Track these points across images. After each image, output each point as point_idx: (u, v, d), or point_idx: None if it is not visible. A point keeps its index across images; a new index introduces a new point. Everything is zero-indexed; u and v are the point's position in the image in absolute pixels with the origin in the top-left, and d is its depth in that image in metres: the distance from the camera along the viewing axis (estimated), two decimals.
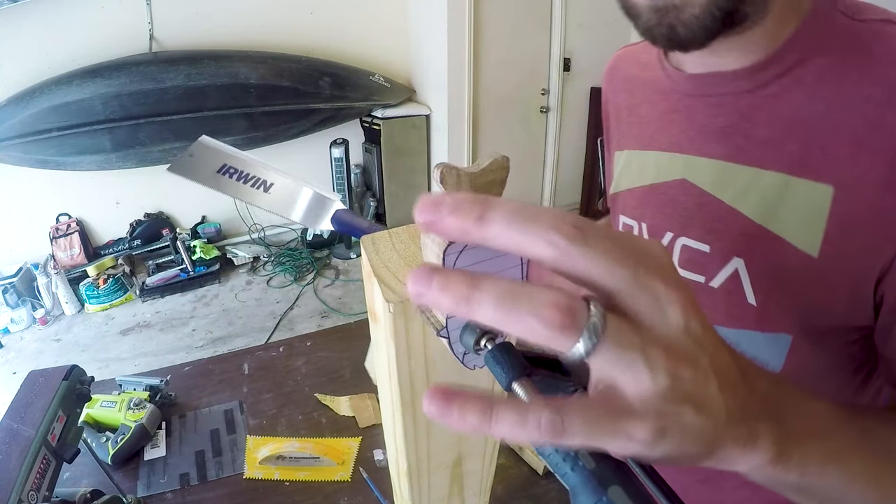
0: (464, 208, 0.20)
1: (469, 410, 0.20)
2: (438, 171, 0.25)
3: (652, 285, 0.21)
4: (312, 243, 3.79)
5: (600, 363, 0.20)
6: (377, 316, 0.32)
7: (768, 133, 0.48)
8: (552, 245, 0.20)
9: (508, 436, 0.20)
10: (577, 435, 0.20)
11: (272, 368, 1.22)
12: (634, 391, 0.21)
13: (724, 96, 0.51)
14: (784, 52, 0.47)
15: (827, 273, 0.45)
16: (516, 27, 3.65)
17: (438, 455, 0.40)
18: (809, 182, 0.45)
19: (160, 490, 0.92)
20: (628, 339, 0.20)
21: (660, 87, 0.58)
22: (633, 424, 0.21)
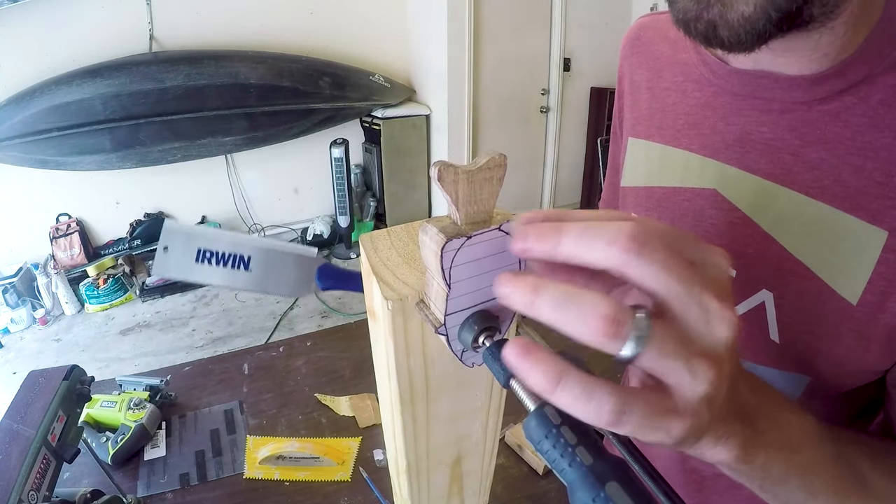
0: (545, 237, 0.24)
1: (541, 369, 0.22)
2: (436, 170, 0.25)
3: (705, 301, 0.23)
4: (312, 243, 3.80)
5: (648, 367, 0.23)
6: (376, 314, 0.32)
7: (821, 156, 0.41)
8: (611, 260, 0.22)
9: (567, 406, 0.22)
10: (630, 425, 0.22)
11: (272, 368, 1.22)
12: (679, 393, 0.23)
13: (773, 102, 0.44)
14: (850, 64, 0.40)
15: (863, 322, 0.41)
16: (516, 27, 3.65)
17: (438, 454, 0.40)
18: (862, 222, 0.40)
19: (160, 490, 0.92)
20: (673, 348, 0.22)
21: (693, 75, 0.51)
22: (675, 422, 0.23)
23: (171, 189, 3.53)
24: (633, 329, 0.21)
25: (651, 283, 0.22)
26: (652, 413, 0.23)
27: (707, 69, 0.49)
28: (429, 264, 0.27)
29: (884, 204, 0.39)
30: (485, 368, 0.29)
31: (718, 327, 0.23)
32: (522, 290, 0.23)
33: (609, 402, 0.22)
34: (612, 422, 0.22)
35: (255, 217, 3.85)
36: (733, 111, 0.47)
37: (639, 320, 0.22)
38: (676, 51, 0.53)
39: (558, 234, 0.23)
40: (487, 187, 0.26)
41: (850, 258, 0.40)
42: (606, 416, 0.22)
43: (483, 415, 0.40)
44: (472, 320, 0.28)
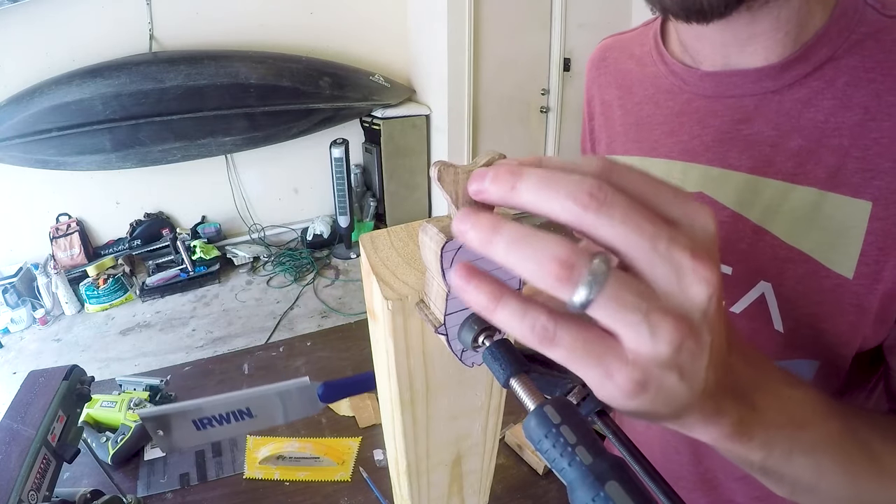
0: (501, 179, 0.22)
1: (482, 289, 0.22)
2: (435, 169, 0.25)
3: (675, 257, 0.21)
4: (312, 243, 3.80)
5: (602, 316, 0.21)
6: (376, 314, 0.32)
7: (800, 143, 0.43)
8: (568, 211, 0.21)
9: (505, 323, 0.22)
10: (562, 349, 0.22)
11: (272, 368, 1.22)
12: (631, 345, 0.22)
13: (746, 98, 0.45)
14: (813, 47, 0.42)
15: (861, 295, 0.42)
16: (516, 27, 3.65)
17: (438, 454, 0.40)
18: (846, 198, 0.41)
19: (160, 490, 0.92)
20: (632, 300, 0.21)
21: (664, 86, 0.52)
22: (618, 367, 0.22)
23: (171, 189, 3.53)
24: (587, 273, 0.20)
25: (612, 239, 0.21)
26: (590, 344, 0.22)
27: (677, 78, 0.50)
28: (429, 264, 0.27)
29: (863, 177, 0.40)
30: (484, 368, 0.29)
31: (692, 287, 0.21)
32: (480, 228, 0.22)
33: (542, 318, 0.22)
34: (542, 338, 0.22)
35: (255, 217, 3.85)
36: (708, 114, 0.48)
37: (595, 265, 0.20)
38: (643, 66, 0.55)
39: (516, 179, 0.22)
40: None
41: (841, 234, 0.42)
42: (539, 331, 0.21)
43: (483, 414, 0.40)
44: (472, 320, 0.28)
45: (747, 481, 0.61)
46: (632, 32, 0.59)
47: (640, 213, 0.21)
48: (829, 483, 0.33)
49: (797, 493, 0.34)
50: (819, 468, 0.33)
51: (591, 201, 0.21)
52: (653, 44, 0.54)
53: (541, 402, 0.24)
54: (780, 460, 0.30)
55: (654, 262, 0.21)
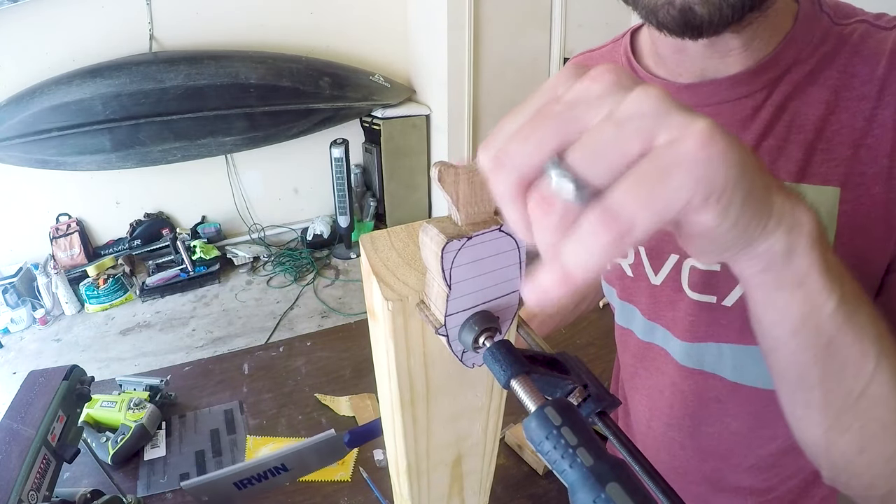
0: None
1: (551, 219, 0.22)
2: (436, 170, 0.25)
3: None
4: (312, 243, 3.80)
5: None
6: (376, 314, 0.32)
7: (771, 142, 0.47)
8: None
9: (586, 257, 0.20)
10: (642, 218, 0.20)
11: (272, 368, 1.22)
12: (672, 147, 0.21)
13: (722, 105, 0.49)
14: (780, 54, 0.46)
15: None
16: (516, 27, 3.65)
17: (438, 454, 0.40)
18: (816, 186, 0.45)
19: (160, 490, 0.92)
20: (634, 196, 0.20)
21: None
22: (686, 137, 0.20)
23: (171, 189, 3.53)
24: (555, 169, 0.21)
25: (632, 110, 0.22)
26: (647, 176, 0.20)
27: None
28: (429, 265, 0.27)
29: (829, 166, 0.45)
30: (485, 369, 0.29)
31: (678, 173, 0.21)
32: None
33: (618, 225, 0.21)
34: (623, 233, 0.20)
35: (255, 217, 3.85)
36: None
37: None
38: None
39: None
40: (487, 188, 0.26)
41: None
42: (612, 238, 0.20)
43: (483, 415, 0.40)
44: (473, 321, 0.28)
45: (754, 471, 0.62)
46: (601, 49, 0.62)
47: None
48: (885, 376, 0.31)
49: (845, 410, 0.32)
50: (880, 345, 0.31)
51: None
52: (625, 60, 0.56)
53: (542, 404, 0.24)
54: (848, 316, 0.29)
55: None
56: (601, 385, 0.30)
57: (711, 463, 0.64)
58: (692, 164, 0.20)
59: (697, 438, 0.64)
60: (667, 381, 0.63)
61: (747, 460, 0.62)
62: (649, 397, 0.68)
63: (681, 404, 0.62)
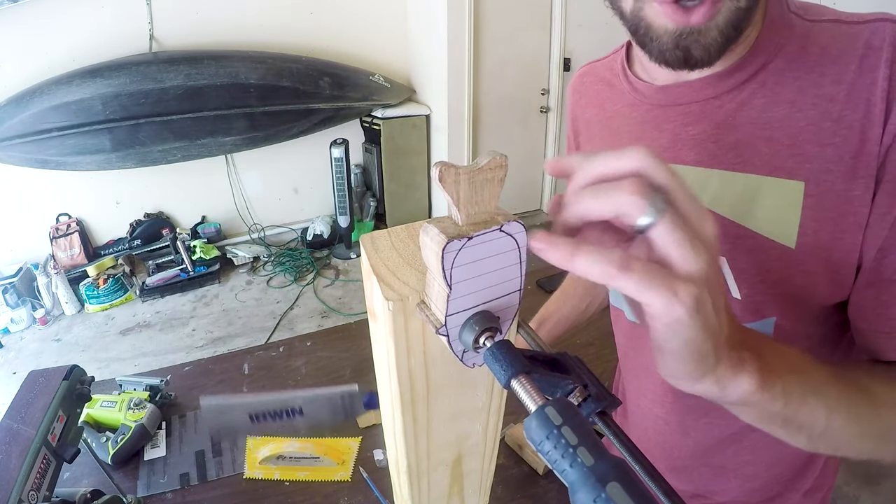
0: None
1: (559, 247, 0.27)
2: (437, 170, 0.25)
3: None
4: (312, 243, 3.80)
5: (658, 235, 0.27)
6: (376, 314, 0.32)
7: (737, 137, 0.50)
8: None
9: (585, 266, 0.26)
10: (636, 274, 0.26)
11: (272, 368, 1.22)
12: (682, 267, 0.27)
13: (692, 104, 0.53)
14: (749, 58, 0.49)
15: (805, 262, 0.48)
16: (516, 27, 3.65)
17: (438, 454, 0.40)
18: (781, 180, 0.48)
19: (160, 490, 0.92)
20: (682, 224, 0.27)
21: (629, 100, 0.60)
22: (681, 285, 0.26)
23: (171, 189, 3.53)
24: (653, 202, 0.26)
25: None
26: (655, 272, 0.26)
27: (638, 93, 0.59)
28: (430, 265, 0.27)
29: (795, 161, 0.47)
30: (485, 369, 0.29)
31: (707, 224, 0.28)
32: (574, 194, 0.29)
33: (617, 253, 0.26)
34: (621, 267, 0.26)
35: (255, 217, 3.85)
36: (664, 119, 0.56)
37: (658, 198, 0.27)
38: (612, 86, 0.64)
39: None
40: (489, 188, 0.26)
41: (780, 211, 0.48)
42: (617, 262, 0.26)
43: (484, 415, 0.40)
44: (473, 321, 0.28)
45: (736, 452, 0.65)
46: (603, 60, 0.69)
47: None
48: (838, 421, 0.38)
49: (813, 439, 0.39)
50: (828, 407, 0.37)
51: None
52: (620, 68, 0.63)
53: (542, 403, 0.24)
54: (798, 405, 0.35)
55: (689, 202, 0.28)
56: (601, 385, 0.30)
57: (693, 437, 0.67)
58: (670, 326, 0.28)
59: (679, 414, 0.67)
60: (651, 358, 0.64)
61: (726, 438, 0.65)
62: (637, 376, 0.72)
63: (662, 381, 0.64)
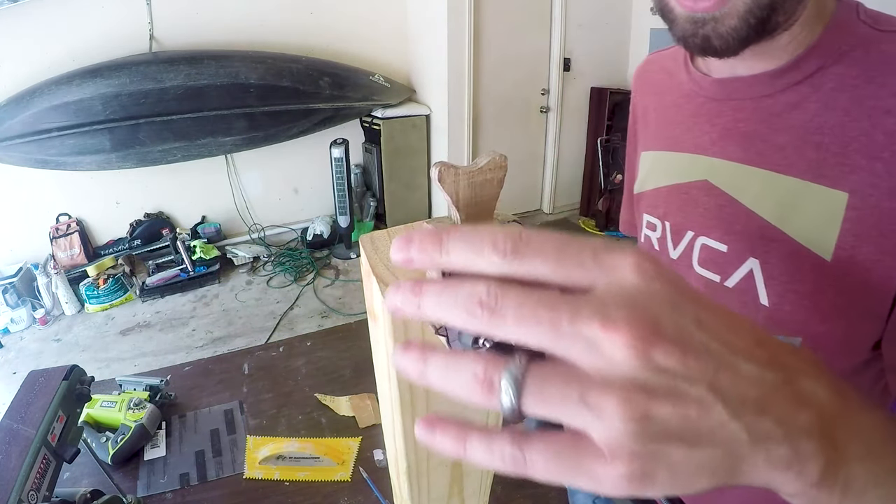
0: (407, 296, 0.23)
1: (447, 436, 0.22)
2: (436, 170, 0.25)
3: (584, 332, 0.19)
4: (312, 243, 3.80)
5: (541, 414, 0.20)
6: (376, 315, 0.32)
7: (786, 139, 0.49)
8: (467, 322, 0.21)
9: (481, 462, 0.21)
10: (539, 470, 0.20)
11: (272, 368, 1.22)
12: (596, 436, 0.20)
13: (745, 101, 0.52)
14: (804, 58, 0.48)
15: (839, 276, 0.46)
16: (516, 27, 3.65)
17: (438, 454, 0.40)
18: (825, 188, 0.46)
19: (160, 490, 0.92)
20: (557, 390, 0.20)
21: (685, 91, 0.60)
22: (600, 467, 0.20)
23: (171, 189, 3.53)
24: (504, 381, 0.20)
25: (516, 338, 0.20)
26: (562, 456, 0.20)
27: (695, 84, 0.59)
28: None
29: (841, 171, 0.46)
30: None
31: (615, 354, 0.19)
32: (413, 360, 0.23)
33: (507, 448, 0.21)
34: (515, 467, 0.21)
35: (255, 217, 3.85)
36: (716, 114, 0.56)
37: (510, 370, 0.20)
38: (672, 76, 0.64)
39: (419, 297, 0.23)
40: (488, 188, 0.26)
41: (820, 220, 0.47)
42: (509, 461, 0.20)
43: (483, 415, 0.40)
44: None
45: None
46: (669, 50, 0.69)
47: (534, 302, 0.20)
48: None
49: None
50: (887, 498, 0.28)
51: (483, 311, 0.21)
52: (681, 58, 0.63)
53: None
54: (855, 498, 0.26)
55: (566, 345, 0.20)
56: None
57: None
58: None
59: None
60: None
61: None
62: None
63: None
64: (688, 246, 0.59)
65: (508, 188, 0.30)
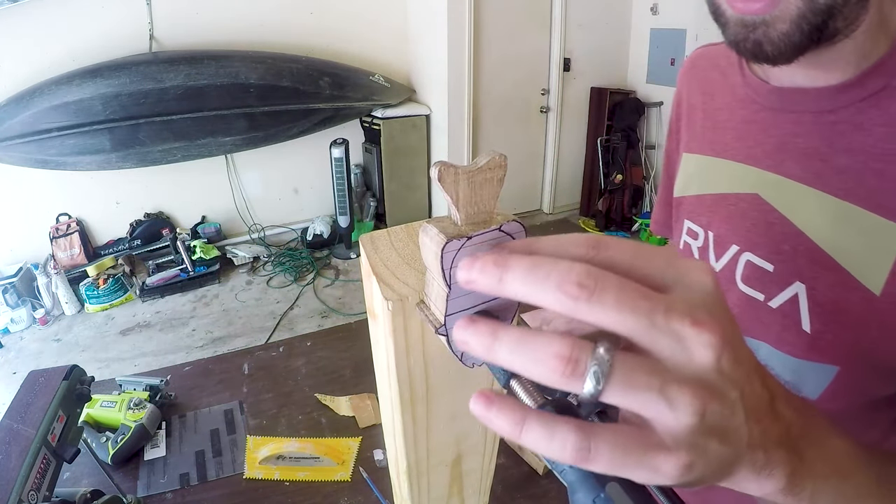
0: (488, 271, 0.22)
1: (504, 416, 0.22)
2: (436, 170, 0.25)
3: (675, 328, 0.21)
4: (312, 243, 3.80)
5: (617, 402, 0.21)
6: (376, 314, 0.32)
7: (847, 162, 0.46)
8: (560, 302, 0.21)
9: (535, 446, 0.21)
10: (602, 463, 0.21)
11: (272, 368, 1.22)
12: (662, 427, 0.21)
13: (804, 114, 0.49)
14: (870, 74, 0.45)
15: (887, 313, 0.44)
16: (516, 27, 3.65)
17: (438, 454, 0.40)
18: (883, 220, 0.44)
19: (160, 490, 0.92)
20: (642, 379, 0.21)
21: (739, 95, 0.57)
22: (663, 459, 0.21)
23: (171, 189, 3.54)
24: (591, 364, 0.20)
25: (609, 324, 0.21)
26: (628, 448, 0.21)
27: (750, 89, 0.55)
28: (429, 265, 0.27)
29: None
30: (485, 368, 0.29)
31: (698, 350, 0.21)
32: (481, 335, 0.22)
33: (571, 438, 0.21)
34: (578, 458, 0.21)
35: (255, 217, 3.85)
36: (772, 124, 0.52)
37: (598, 355, 0.20)
38: (726, 76, 0.60)
39: (502, 271, 0.22)
40: (488, 188, 0.26)
41: (874, 252, 0.44)
42: (570, 451, 0.21)
43: None
44: None
45: None
46: (721, 45, 0.65)
47: (633, 291, 0.21)
48: None
49: None
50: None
51: (581, 291, 0.20)
52: (736, 58, 0.58)
53: (541, 403, 0.24)
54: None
55: (656, 337, 0.21)
56: None
57: None
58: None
59: None
60: None
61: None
62: None
63: None
64: (731, 260, 0.57)
65: (508, 188, 0.30)
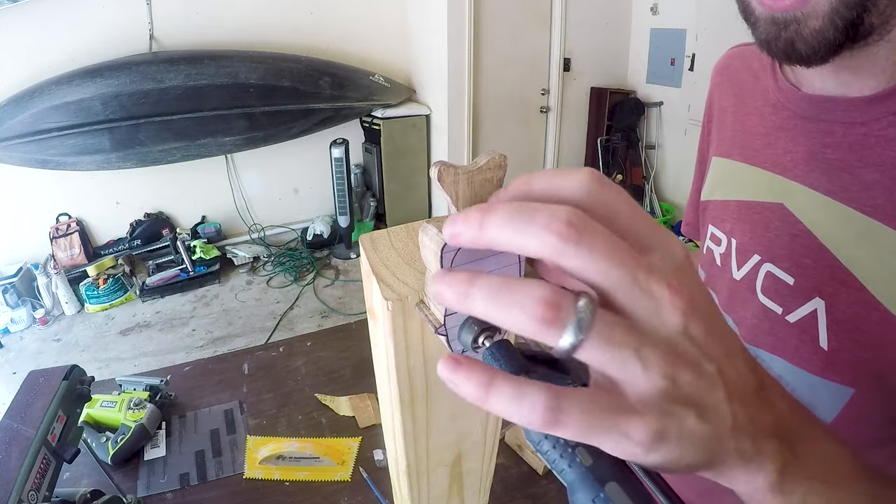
0: (470, 218, 0.21)
1: (472, 378, 0.21)
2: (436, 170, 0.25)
3: (653, 289, 0.20)
4: (312, 243, 3.80)
5: (592, 358, 0.20)
6: (376, 314, 0.32)
7: (876, 177, 0.44)
8: (545, 243, 0.19)
9: (503, 410, 0.20)
10: (571, 426, 0.20)
11: (272, 368, 1.22)
12: (632, 390, 0.20)
13: (835, 124, 0.48)
14: None
15: None
16: (516, 27, 3.65)
17: (438, 454, 0.40)
18: None
19: (160, 490, 0.92)
20: (620, 337, 0.20)
21: (770, 100, 0.55)
22: (632, 423, 0.20)
23: (171, 189, 3.53)
24: (573, 314, 0.19)
25: (591, 273, 0.20)
26: (596, 411, 0.20)
27: (782, 95, 0.53)
28: (428, 265, 0.27)
29: None
30: None
31: (668, 314, 0.20)
32: (456, 283, 0.21)
33: (541, 400, 0.19)
34: (548, 421, 0.19)
35: (255, 217, 3.85)
36: (802, 133, 0.50)
37: (581, 305, 0.19)
38: (758, 79, 0.58)
39: (483, 215, 0.20)
40: (488, 188, 0.26)
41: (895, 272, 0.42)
42: (540, 414, 0.19)
43: (483, 415, 0.40)
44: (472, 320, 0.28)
45: None
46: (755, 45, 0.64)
47: (622, 244, 0.20)
48: None
49: None
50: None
51: (570, 231, 0.19)
52: (769, 61, 0.56)
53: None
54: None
55: (636, 296, 0.20)
56: None
57: None
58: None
59: None
60: None
61: None
62: None
63: None
64: (752, 269, 0.55)
65: None
